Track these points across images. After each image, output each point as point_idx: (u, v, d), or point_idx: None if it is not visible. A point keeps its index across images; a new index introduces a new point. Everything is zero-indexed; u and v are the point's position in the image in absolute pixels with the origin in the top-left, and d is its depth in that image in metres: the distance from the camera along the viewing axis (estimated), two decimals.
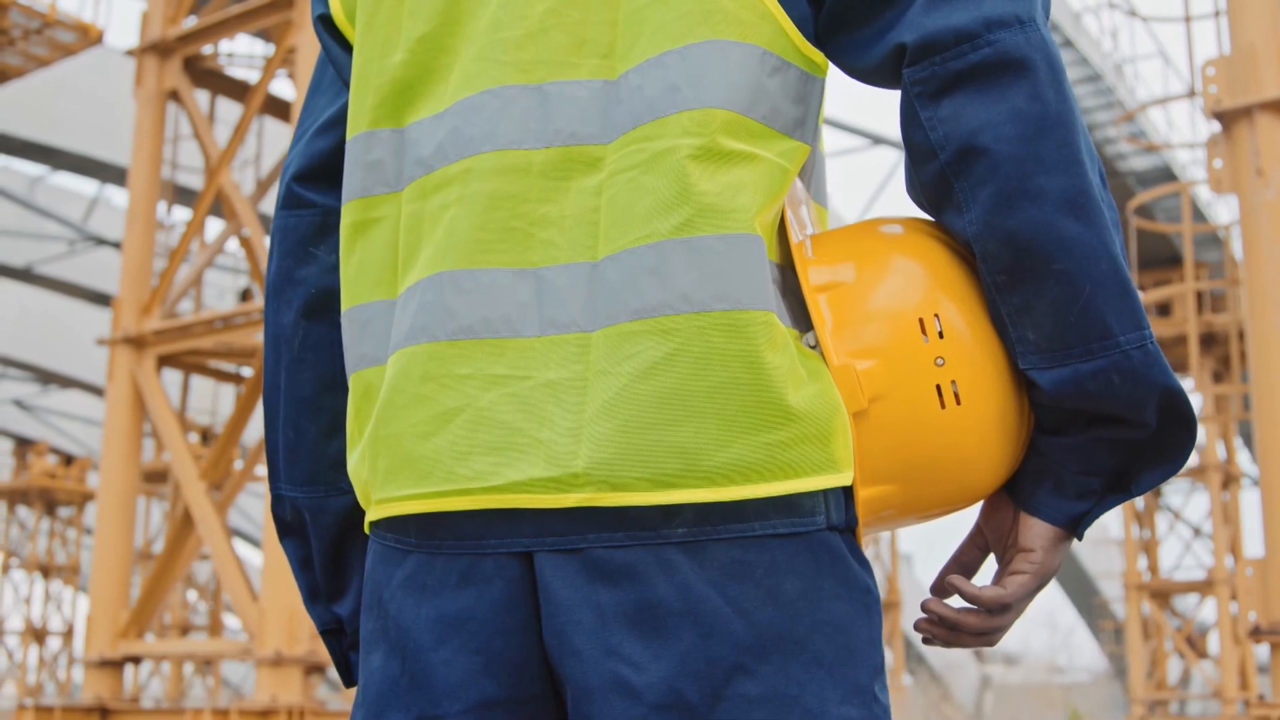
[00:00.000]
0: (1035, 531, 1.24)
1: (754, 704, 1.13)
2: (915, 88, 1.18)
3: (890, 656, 28.80)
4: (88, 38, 16.06)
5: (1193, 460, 25.53)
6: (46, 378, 33.35)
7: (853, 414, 1.19)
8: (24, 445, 36.07)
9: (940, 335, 1.20)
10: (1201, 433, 23.79)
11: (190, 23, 12.16)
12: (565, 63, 1.22)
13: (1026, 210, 1.15)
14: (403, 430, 1.23)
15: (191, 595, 27.90)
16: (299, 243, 1.42)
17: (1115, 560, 26.80)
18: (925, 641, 1.30)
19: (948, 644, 1.28)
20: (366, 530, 1.30)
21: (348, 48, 1.39)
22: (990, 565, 1.32)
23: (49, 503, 34.63)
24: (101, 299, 27.82)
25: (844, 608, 1.17)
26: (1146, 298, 20.10)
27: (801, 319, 1.22)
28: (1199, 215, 22.80)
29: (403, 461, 1.23)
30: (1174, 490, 25.04)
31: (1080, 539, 1.25)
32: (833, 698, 1.15)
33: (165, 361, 11.76)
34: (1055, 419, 1.21)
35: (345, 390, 1.38)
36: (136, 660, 11.62)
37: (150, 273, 12.03)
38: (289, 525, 1.45)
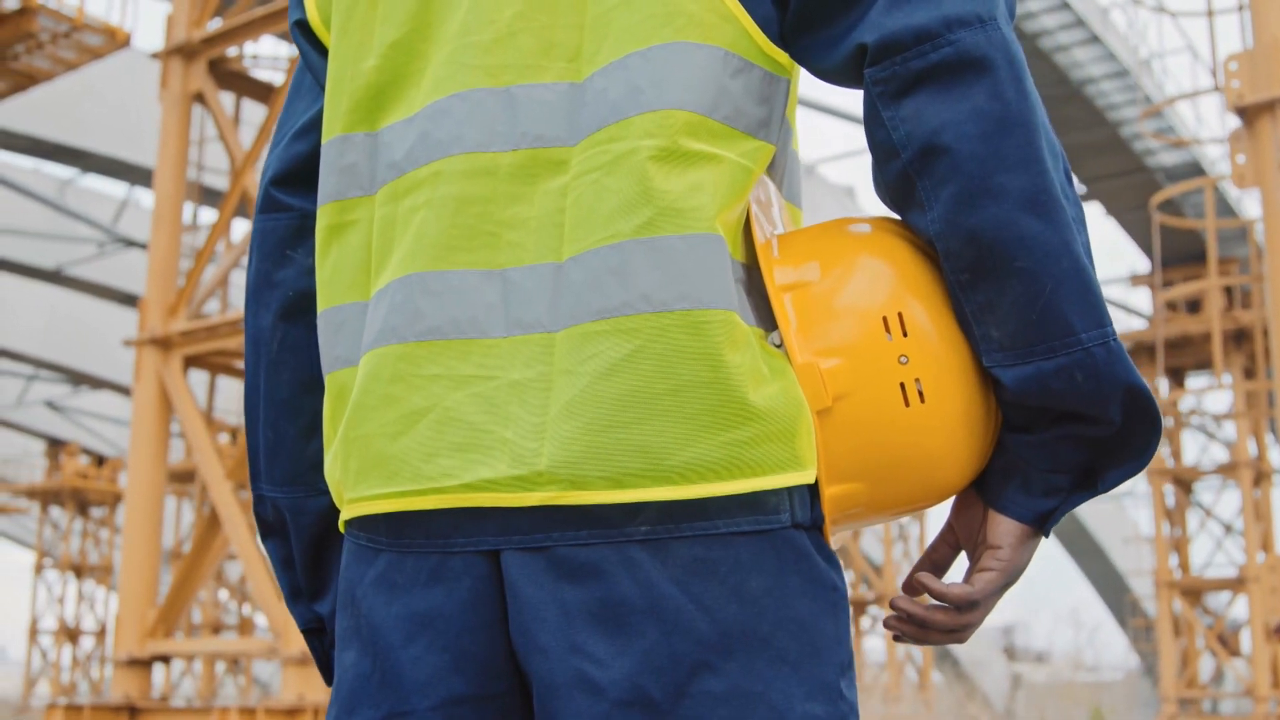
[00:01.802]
0: (1003, 529, 1.24)
1: (718, 701, 1.14)
2: (877, 87, 1.18)
3: (919, 654, 28.72)
4: (115, 41, 16.16)
5: (1223, 457, 25.37)
6: (78, 379, 33.60)
7: (817, 412, 1.20)
8: (56, 446, 36.37)
9: (904, 333, 1.20)
10: (1232, 429, 23.63)
11: (215, 25, 12.23)
12: (532, 66, 1.24)
13: (988, 209, 1.15)
14: (372, 430, 1.24)
15: (223, 595, 28.06)
16: (276, 246, 1.44)
17: (1146, 558, 26.66)
18: (896, 639, 1.31)
19: (918, 641, 1.28)
20: (341, 529, 1.32)
21: (324, 53, 1.40)
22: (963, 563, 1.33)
23: (81, 503, 34.90)
24: (131, 300, 28.00)
25: (809, 605, 1.18)
26: (1173, 293, 19.98)
27: (767, 318, 1.23)
28: (1229, 210, 22.66)
29: (372, 461, 1.24)
30: (1205, 487, 24.90)
31: (1047, 536, 1.26)
32: (798, 694, 1.16)
33: (192, 362, 11.83)
34: (1021, 416, 1.21)
35: (323, 391, 1.40)
36: (165, 659, 11.69)
37: (176, 274, 12.11)
38: (270, 525, 1.47)
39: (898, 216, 1.26)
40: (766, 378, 1.18)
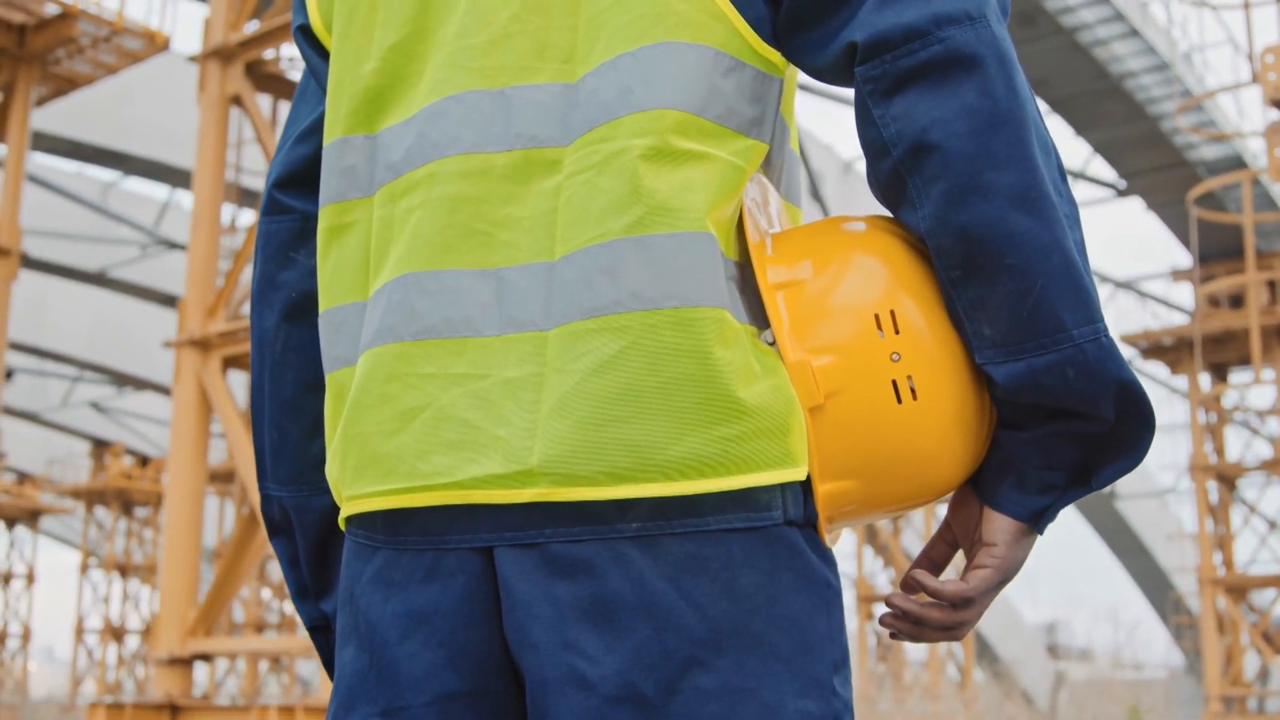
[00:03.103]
0: (998, 526, 1.24)
1: (709, 697, 1.14)
2: (867, 86, 1.19)
3: (960, 652, 28.62)
4: (154, 44, 16.31)
5: (1267, 453, 25.13)
6: (121, 380, 33.89)
7: (809, 409, 1.20)
8: (101, 447, 36.71)
9: (896, 331, 1.20)
10: (1276, 425, 23.40)
11: (252, 28, 12.30)
12: (527, 67, 1.25)
13: (977, 205, 1.16)
14: (369, 429, 1.26)
15: (265, 593, 28.25)
16: (280, 248, 1.45)
17: (1189, 555, 26.45)
18: (893, 636, 1.31)
19: (913, 639, 1.29)
20: (342, 527, 1.33)
21: (327, 57, 1.42)
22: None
23: (126, 503, 35.21)
24: (173, 301, 28.22)
25: (802, 602, 1.19)
26: (1212, 288, 19.82)
27: (761, 316, 1.23)
28: (1271, 204, 22.43)
29: (369, 459, 1.26)
30: (1249, 484, 24.69)
31: (1042, 533, 1.26)
32: (790, 691, 1.16)
33: (231, 363, 11.92)
34: (1015, 413, 1.21)
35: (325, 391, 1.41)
36: (205, 658, 11.77)
37: (215, 275, 12.19)
38: (277, 525, 1.48)
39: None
40: (758, 375, 1.18)
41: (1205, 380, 24.42)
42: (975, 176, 1.16)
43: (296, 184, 1.45)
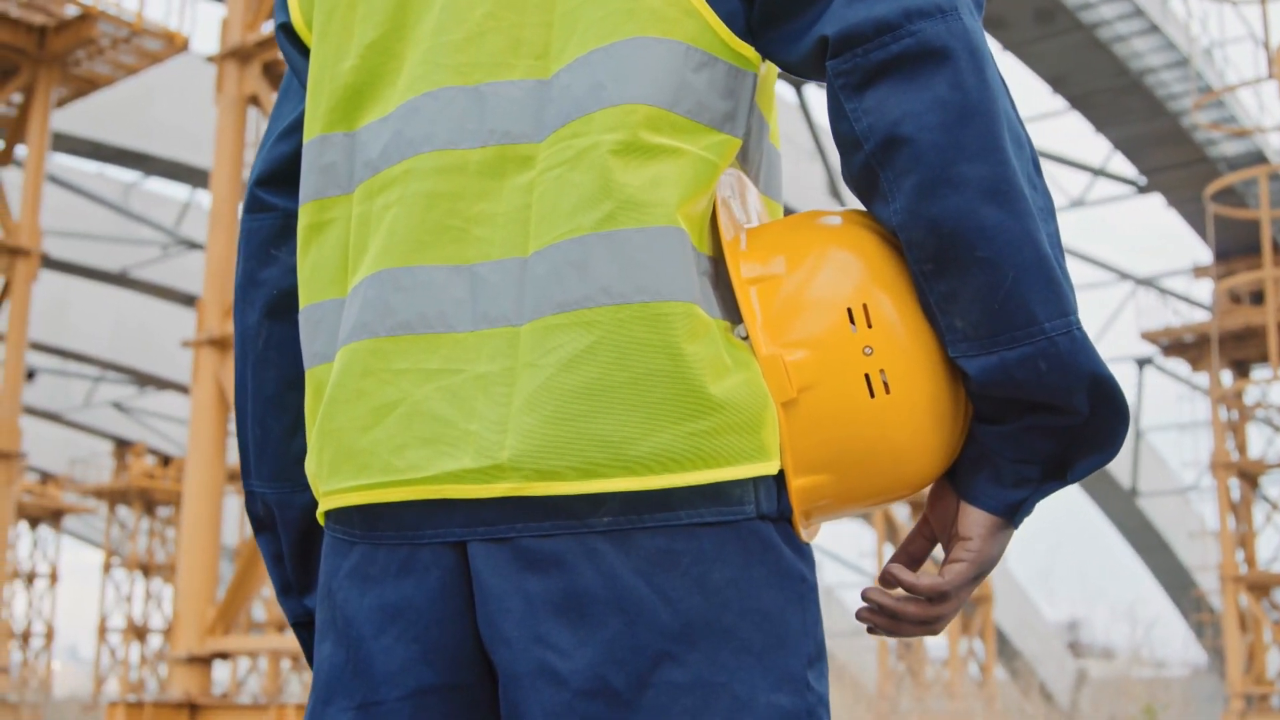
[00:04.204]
0: (973, 520, 1.24)
1: (681, 691, 1.14)
2: (839, 79, 1.19)
3: (982, 650, 28.54)
4: (173, 45, 16.37)
5: None
6: (143, 380, 34.03)
7: (782, 404, 1.20)
8: (123, 447, 36.85)
9: (869, 325, 1.20)
10: None
11: (269, 28, 12.32)
12: (501, 64, 1.25)
13: (948, 198, 1.16)
14: (344, 424, 1.26)
15: None
16: (261, 245, 1.46)
17: (1211, 553, 26.34)
18: (870, 631, 1.31)
19: (890, 633, 1.28)
20: (321, 522, 1.34)
21: (308, 55, 1.42)
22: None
23: (148, 502, 35.37)
24: (195, 301, 28.29)
25: (775, 596, 1.19)
26: (1231, 283, 19.74)
27: (735, 311, 1.23)
28: None
29: (345, 455, 1.26)
30: (1271, 481, 24.57)
31: (1017, 527, 1.26)
32: (763, 685, 1.16)
33: None
34: (989, 407, 1.21)
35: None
36: (224, 656, 11.80)
37: (233, 275, 12.19)
38: (262, 521, 1.49)
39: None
40: (729, 369, 1.18)
41: (1227, 377, 24.31)
42: (946, 169, 1.16)
43: (278, 182, 1.46)
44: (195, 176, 25.74)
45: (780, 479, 1.21)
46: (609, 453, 1.15)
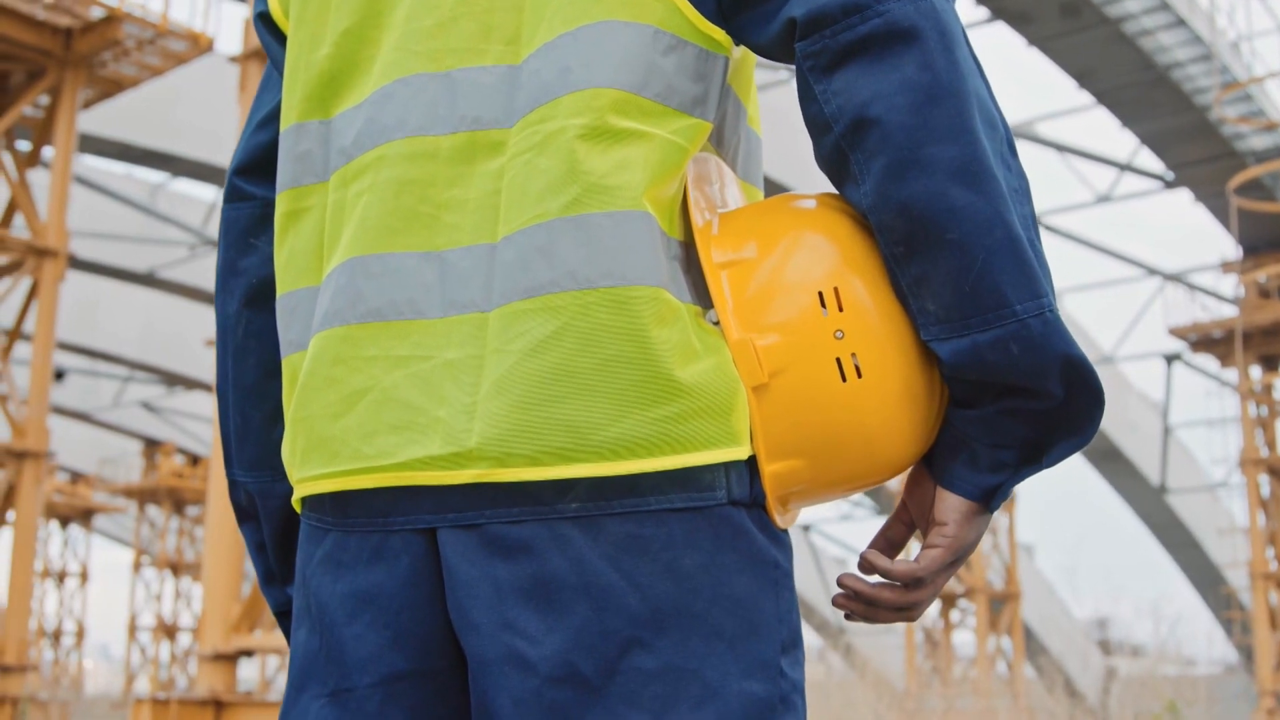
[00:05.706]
0: (949, 505, 1.23)
1: (650, 677, 1.14)
2: (808, 61, 1.18)
3: (1010, 647, 28.42)
4: (198, 46, 16.43)
5: None
6: (172, 380, 34.17)
7: (753, 389, 1.19)
8: (152, 446, 37.05)
9: (840, 309, 1.19)
10: None
11: None
12: (472, 50, 1.25)
13: (917, 180, 1.14)
14: (316, 412, 1.26)
15: None
16: (240, 234, 1.46)
17: (1241, 549, 26.16)
18: (847, 617, 1.30)
19: (867, 619, 1.27)
20: (298, 510, 1.34)
21: (285, 44, 1.42)
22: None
23: (177, 502, 35.52)
24: None
25: (747, 582, 1.18)
26: (1255, 277, 19.58)
27: (706, 295, 1.23)
28: None
29: (317, 442, 1.26)
30: None
31: (993, 512, 1.24)
32: (734, 671, 1.15)
33: None
34: (963, 391, 1.20)
35: None
36: (249, 653, 11.85)
37: None
38: (244, 510, 1.49)
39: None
40: (698, 354, 1.17)
41: (1256, 372, 24.14)
42: (915, 151, 1.14)
43: (256, 171, 1.46)
44: (221, 177, 25.82)
45: (752, 464, 1.20)
46: (575, 438, 1.15)
